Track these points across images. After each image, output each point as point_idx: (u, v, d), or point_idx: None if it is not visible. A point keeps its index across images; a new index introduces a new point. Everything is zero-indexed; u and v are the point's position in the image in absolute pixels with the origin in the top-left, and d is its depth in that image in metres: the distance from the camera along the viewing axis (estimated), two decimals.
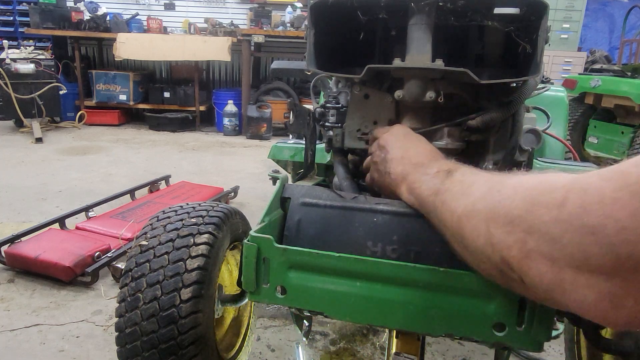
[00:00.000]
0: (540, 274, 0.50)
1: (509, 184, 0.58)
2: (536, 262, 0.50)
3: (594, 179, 0.46)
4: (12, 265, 2.05)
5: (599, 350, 1.02)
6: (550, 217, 0.48)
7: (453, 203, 0.68)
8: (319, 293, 0.81)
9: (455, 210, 0.66)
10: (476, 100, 1.03)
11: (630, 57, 5.59)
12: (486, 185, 0.62)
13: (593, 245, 0.44)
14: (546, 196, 0.50)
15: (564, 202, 0.47)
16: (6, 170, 3.68)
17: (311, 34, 1.01)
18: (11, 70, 4.81)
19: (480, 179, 0.66)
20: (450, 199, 0.69)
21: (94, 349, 1.56)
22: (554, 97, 1.91)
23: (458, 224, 0.65)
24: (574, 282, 0.46)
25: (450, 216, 0.68)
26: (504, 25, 0.98)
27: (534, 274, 0.51)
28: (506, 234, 0.54)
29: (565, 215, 0.47)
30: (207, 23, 5.98)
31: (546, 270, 0.49)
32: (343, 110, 1.12)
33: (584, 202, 0.45)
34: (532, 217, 0.51)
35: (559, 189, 0.49)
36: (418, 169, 0.84)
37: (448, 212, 0.69)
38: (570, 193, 0.47)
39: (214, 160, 4.33)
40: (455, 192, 0.68)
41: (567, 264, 0.47)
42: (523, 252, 0.52)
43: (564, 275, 0.47)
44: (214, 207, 1.09)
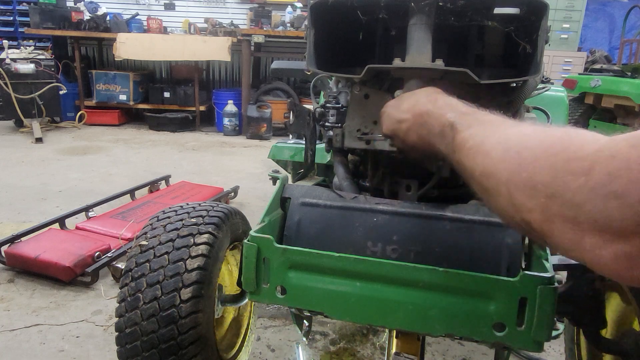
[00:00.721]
0: (561, 235, 0.52)
1: (528, 145, 0.58)
2: (558, 225, 0.51)
3: (622, 145, 0.47)
4: (12, 265, 2.05)
5: (599, 350, 1.02)
6: (576, 184, 0.49)
7: (469, 162, 0.67)
8: (319, 293, 0.81)
9: (474, 169, 0.66)
10: (476, 100, 1.03)
11: (630, 57, 5.59)
12: (501, 144, 0.62)
13: (616, 209, 0.45)
14: (572, 164, 0.51)
15: (591, 171, 0.48)
16: (6, 170, 3.68)
17: (311, 34, 1.01)
18: (11, 70, 4.81)
19: (492, 133, 0.65)
20: (465, 158, 0.69)
21: (94, 349, 1.56)
22: (554, 97, 1.91)
23: (479, 182, 0.65)
24: (593, 243, 0.48)
25: (470, 175, 0.68)
26: (504, 25, 0.98)
27: (555, 235, 0.53)
28: (528, 197, 0.55)
29: (592, 183, 0.47)
30: (207, 23, 5.98)
31: (567, 232, 0.51)
32: (343, 110, 1.12)
33: (612, 169, 0.46)
34: (557, 184, 0.51)
35: (586, 157, 0.50)
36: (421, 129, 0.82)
37: (468, 171, 0.69)
38: (597, 160, 0.48)
39: (214, 160, 4.33)
40: (469, 149, 0.68)
41: (589, 227, 0.48)
42: (545, 215, 0.53)
43: (585, 236, 0.49)
44: (214, 207, 1.09)
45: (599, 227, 0.47)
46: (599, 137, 0.52)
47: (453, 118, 0.75)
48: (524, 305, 0.73)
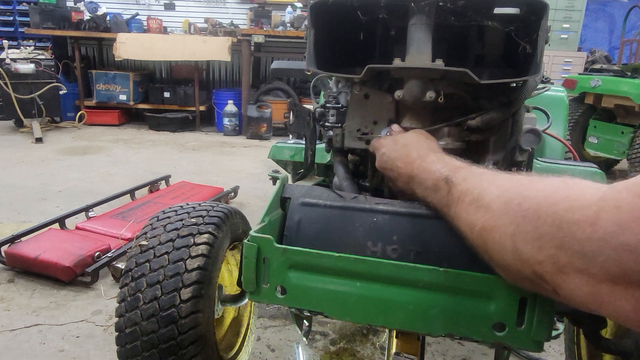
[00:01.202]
0: (576, 288, 0.50)
1: (528, 195, 0.57)
2: (571, 277, 0.50)
3: (625, 195, 0.46)
4: (12, 265, 2.05)
5: (599, 350, 1.02)
6: (584, 235, 0.48)
7: (468, 217, 0.66)
8: (319, 293, 0.81)
9: (473, 224, 0.65)
10: (476, 100, 1.03)
11: (630, 57, 5.59)
12: (501, 197, 0.61)
13: (632, 262, 0.44)
14: (576, 213, 0.50)
15: (597, 220, 0.47)
16: (6, 170, 3.68)
17: (311, 34, 1.01)
18: (11, 70, 4.81)
19: (488, 186, 0.65)
20: (464, 213, 0.68)
21: (94, 349, 1.56)
22: (554, 97, 1.91)
23: (479, 237, 0.64)
24: (611, 294, 0.47)
25: (469, 230, 0.67)
26: (504, 25, 0.98)
27: (568, 287, 0.51)
28: (536, 249, 0.54)
29: (600, 234, 0.46)
30: (207, 23, 5.98)
31: (582, 284, 0.49)
32: (343, 110, 1.12)
33: (620, 220, 0.45)
34: (563, 234, 0.50)
35: (590, 206, 0.49)
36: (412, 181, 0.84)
37: (465, 226, 0.68)
38: (602, 210, 0.47)
39: (214, 160, 4.33)
40: (467, 204, 0.67)
41: (604, 279, 0.47)
42: (556, 267, 0.52)
43: (601, 288, 0.48)
44: (214, 207, 1.09)
45: (614, 278, 0.46)
46: (597, 185, 0.52)
47: (447, 172, 0.75)
48: (524, 305, 0.73)
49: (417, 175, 0.83)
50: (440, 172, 0.77)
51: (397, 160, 0.89)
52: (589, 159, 4.24)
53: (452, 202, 0.72)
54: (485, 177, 0.68)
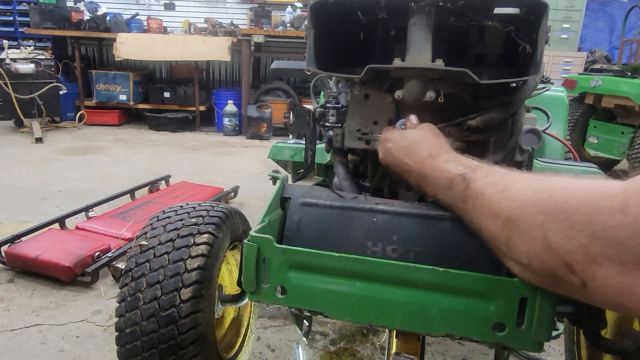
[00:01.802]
0: (607, 278, 0.51)
1: (559, 187, 0.58)
2: (603, 267, 0.51)
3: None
4: (12, 265, 2.05)
5: (599, 350, 1.02)
6: (615, 221, 0.49)
7: (492, 207, 0.66)
8: (319, 293, 0.81)
9: (497, 214, 0.65)
10: (476, 100, 1.03)
11: (630, 57, 5.59)
12: (530, 188, 0.61)
13: None
14: (607, 201, 0.50)
15: (626, 206, 0.48)
16: (6, 170, 3.68)
17: (311, 34, 1.02)
18: (11, 70, 4.81)
19: (515, 180, 0.65)
20: (486, 204, 0.68)
21: (94, 349, 1.56)
22: (554, 97, 1.91)
23: (504, 227, 0.64)
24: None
25: (492, 221, 0.66)
26: (504, 25, 0.98)
27: (600, 277, 0.51)
28: (567, 238, 0.54)
29: (631, 219, 0.47)
30: (207, 23, 5.98)
31: (614, 273, 0.50)
32: (343, 110, 1.12)
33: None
34: (596, 222, 0.51)
35: (617, 194, 0.50)
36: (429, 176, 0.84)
37: (487, 217, 0.67)
38: (630, 197, 0.48)
39: (214, 160, 4.33)
40: (490, 196, 0.67)
41: (636, 266, 0.47)
42: (588, 256, 0.52)
43: (633, 277, 0.48)
44: (214, 207, 1.09)
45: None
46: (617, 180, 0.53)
47: (464, 170, 0.75)
48: (524, 305, 0.73)
49: (429, 173, 0.82)
50: (456, 170, 0.77)
51: (405, 157, 0.88)
52: (589, 159, 4.24)
53: (469, 197, 0.72)
54: (509, 173, 0.69)
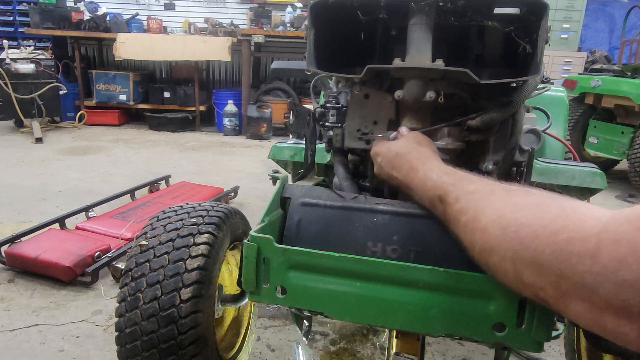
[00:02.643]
0: (580, 314, 0.50)
1: (524, 223, 0.56)
2: (574, 304, 0.50)
3: (625, 228, 0.45)
4: (12, 265, 2.05)
5: (599, 351, 1.02)
6: (584, 267, 0.48)
7: (467, 237, 0.66)
8: (319, 293, 0.81)
9: (472, 245, 0.65)
10: (476, 100, 1.03)
11: (630, 57, 5.59)
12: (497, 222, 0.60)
13: (632, 297, 0.44)
14: (576, 245, 0.49)
15: (597, 253, 0.47)
16: (6, 170, 3.68)
17: (311, 34, 1.01)
18: (11, 70, 4.81)
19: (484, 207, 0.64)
20: (461, 233, 0.68)
21: (94, 349, 1.56)
22: (554, 97, 1.91)
23: (480, 257, 0.64)
24: (614, 322, 0.47)
25: (470, 248, 0.67)
26: (504, 25, 0.98)
27: (572, 313, 0.51)
28: (537, 276, 0.54)
29: (600, 268, 0.46)
30: (207, 23, 5.98)
31: (585, 311, 0.49)
32: (343, 110, 1.12)
33: (619, 255, 0.45)
34: (563, 265, 0.50)
35: (590, 238, 0.48)
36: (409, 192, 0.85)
37: (465, 244, 0.68)
38: (602, 243, 0.47)
39: (214, 160, 4.33)
40: (464, 225, 0.67)
41: (606, 308, 0.47)
42: (559, 292, 0.52)
43: (603, 316, 0.47)
44: (214, 207, 1.09)
45: (616, 309, 0.46)
46: (597, 213, 0.51)
47: (440, 191, 0.75)
48: (524, 305, 0.73)
49: (414, 187, 0.84)
50: (434, 189, 0.77)
51: (393, 170, 0.90)
52: (589, 159, 4.24)
53: (449, 221, 0.73)
54: (477, 196, 0.67)
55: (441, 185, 0.76)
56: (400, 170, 0.88)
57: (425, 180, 0.80)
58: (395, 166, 0.89)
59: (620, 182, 4.12)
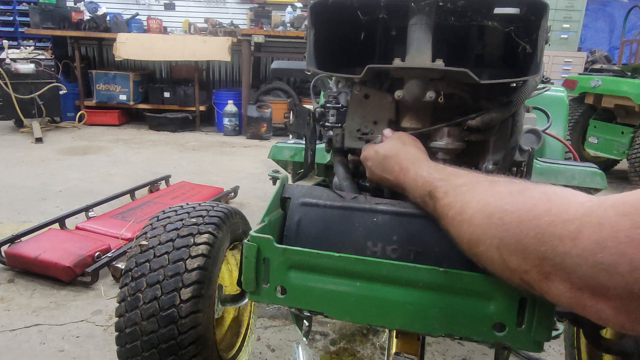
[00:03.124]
0: (560, 294, 0.52)
1: (508, 209, 0.58)
2: (555, 284, 0.52)
3: (610, 213, 0.46)
4: (12, 265, 2.05)
5: (599, 350, 1.02)
6: (564, 249, 0.49)
7: (455, 230, 0.68)
8: (319, 293, 0.81)
9: (461, 237, 0.67)
10: (476, 100, 1.03)
11: (630, 57, 5.59)
12: (483, 211, 0.62)
13: (607, 280, 0.45)
14: (558, 227, 0.50)
15: (578, 236, 0.47)
16: (6, 170, 3.68)
17: (311, 34, 1.01)
18: (11, 70, 4.81)
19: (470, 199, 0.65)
20: (450, 226, 0.70)
21: (94, 349, 1.56)
22: (554, 97, 1.91)
23: (468, 248, 0.66)
24: (592, 300, 0.48)
25: (458, 241, 0.69)
26: (504, 25, 0.98)
27: (554, 293, 0.53)
28: (522, 260, 0.55)
29: (580, 250, 0.47)
30: (207, 23, 5.98)
31: (565, 291, 0.51)
32: (343, 110, 1.12)
33: (599, 238, 0.45)
34: (545, 247, 0.51)
35: (573, 220, 0.49)
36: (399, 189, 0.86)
37: (454, 237, 0.69)
38: (585, 226, 0.47)
39: (214, 160, 4.33)
40: (452, 218, 0.68)
41: (585, 287, 0.48)
42: (541, 275, 0.53)
43: (583, 295, 0.49)
44: (214, 207, 1.09)
45: (594, 290, 0.47)
46: (581, 198, 0.52)
47: (429, 187, 0.76)
48: (524, 305, 0.73)
49: (407, 187, 0.85)
50: (424, 186, 0.78)
51: (384, 173, 0.91)
52: (589, 159, 4.24)
53: (439, 216, 0.74)
54: (464, 189, 0.68)
55: (431, 181, 0.77)
56: (391, 172, 0.89)
57: (416, 178, 0.81)
58: (386, 168, 0.90)
59: (620, 182, 4.12)
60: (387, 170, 0.90)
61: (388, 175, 0.90)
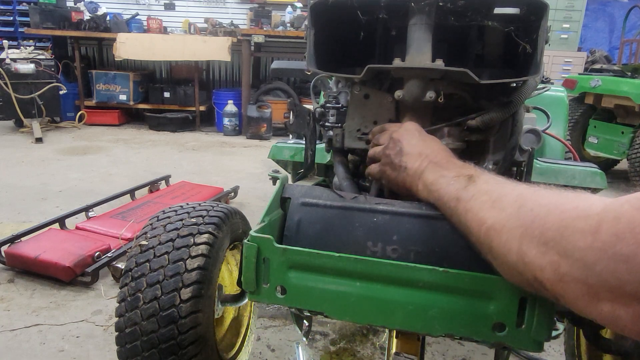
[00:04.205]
0: (575, 297, 0.52)
1: (542, 203, 0.59)
2: (571, 286, 0.52)
3: (626, 207, 0.48)
4: (12, 265, 2.05)
5: (599, 350, 1.02)
6: (585, 243, 0.50)
7: (481, 213, 0.68)
8: (319, 293, 0.81)
9: (483, 221, 0.67)
10: (476, 100, 1.03)
11: (630, 57, 5.59)
12: (517, 201, 0.63)
13: (626, 272, 0.45)
14: (581, 221, 0.51)
15: (598, 229, 0.49)
16: (6, 170, 3.68)
17: (311, 34, 1.01)
18: (11, 70, 4.81)
19: (509, 192, 0.67)
20: (477, 209, 0.69)
21: (94, 349, 1.56)
22: (554, 97, 1.91)
23: (486, 235, 0.66)
24: (609, 305, 0.48)
25: (477, 226, 0.68)
26: (504, 25, 0.98)
27: (569, 296, 0.53)
28: (540, 254, 0.56)
29: (600, 243, 0.48)
30: (207, 23, 5.98)
31: (581, 294, 0.51)
32: (343, 110, 1.12)
33: (618, 231, 0.47)
34: (567, 241, 0.52)
35: (593, 216, 0.50)
36: (436, 168, 0.83)
37: (475, 221, 0.69)
38: (604, 221, 0.49)
39: (214, 160, 4.33)
40: (483, 202, 0.68)
41: (602, 289, 0.48)
42: (557, 275, 0.53)
43: (600, 299, 0.49)
44: (214, 207, 1.09)
45: (612, 289, 0.47)
46: (604, 198, 0.53)
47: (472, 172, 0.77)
48: (524, 305, 0.73)
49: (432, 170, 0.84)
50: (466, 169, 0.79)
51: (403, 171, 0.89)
52: (589, 159, 4.24)
53: (464, 197, 0.73)
54: (507, 183, 0.70)
55: (472, 168, 0.79)
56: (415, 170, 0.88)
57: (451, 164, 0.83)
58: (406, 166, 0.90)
59: (620, 182, 4.12)
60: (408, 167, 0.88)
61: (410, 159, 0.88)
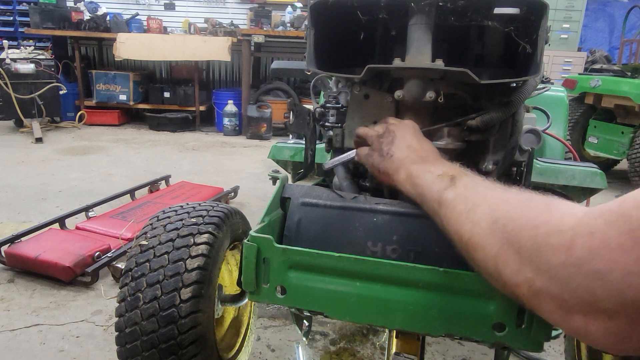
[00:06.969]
0: (549, 312, 0.52)
1: (514, 217, 0.58)
2: (545, 303, 0.52)
3: (599, 222, 0.47)
4: (12, 265, 2.05)
5: (598, 350, 1.02)
6: (558, 259, 0.49)
7: (457, 226, 0.68)
8: (319, 293, 0.81)
9: (460, 234, 0.66)
10: (476, 100, 1.03)
11: (630, 57, 5.59)
12: (490, 215, 0.62)
13: (600, 289, 0.45)
14: (554, 238, 0.51)
15: (572, 245, 0.48)
16: (6, 170, 3.68)
17: (311, 34, 1.01)
18: (11, 70, 4.81)
19: (481, 201, 0.66)
20: (454, 220, 0.69)
21: (94, 349, 1.56)
22: (554, 97, 1.90)
23: (465, 248, 0.66)
24: (581, 320, 0.48)
25: (456, 237, 0.68)
26: (504, 25, 0.98)
27: (543, 311, 0.53)
28: (515, 272, 0.56)
29: (574, 259, 0.47)
30: (207, 23, 5.98)
31: (554, 308, 0.51)
32: (343, 110, 1.12)
33: (592, 247, 0.46)
34: (540, 259, 0.52)
35: (566, 231, 0.50)
36: (421, 162, 0.83)
37: (453, 232, 0.69)
38: (577, 235, 0.48)
39: (214, 160, 4.33)
40: (459, 213, 0.68)
41: (575, 305, 0.48)
42: (532, 291, 0.53)
43: (572, 315, 0.49)
44: (214, 207, 1.09)
45: (585, 305, 0.47)
46: (575, 209, 0.52)
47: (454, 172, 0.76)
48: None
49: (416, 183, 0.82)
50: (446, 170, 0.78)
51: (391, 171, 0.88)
52: (589, 159, 4.24)
53: (444, 202, 0.72)
54: (481, 189, 0.69)
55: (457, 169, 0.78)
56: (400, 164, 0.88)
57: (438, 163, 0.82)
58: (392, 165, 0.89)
59: (620, 182, 4.12)
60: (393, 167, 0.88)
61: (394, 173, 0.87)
